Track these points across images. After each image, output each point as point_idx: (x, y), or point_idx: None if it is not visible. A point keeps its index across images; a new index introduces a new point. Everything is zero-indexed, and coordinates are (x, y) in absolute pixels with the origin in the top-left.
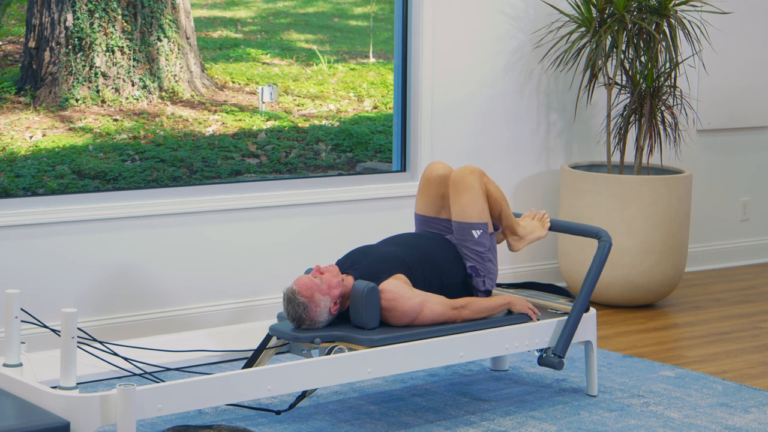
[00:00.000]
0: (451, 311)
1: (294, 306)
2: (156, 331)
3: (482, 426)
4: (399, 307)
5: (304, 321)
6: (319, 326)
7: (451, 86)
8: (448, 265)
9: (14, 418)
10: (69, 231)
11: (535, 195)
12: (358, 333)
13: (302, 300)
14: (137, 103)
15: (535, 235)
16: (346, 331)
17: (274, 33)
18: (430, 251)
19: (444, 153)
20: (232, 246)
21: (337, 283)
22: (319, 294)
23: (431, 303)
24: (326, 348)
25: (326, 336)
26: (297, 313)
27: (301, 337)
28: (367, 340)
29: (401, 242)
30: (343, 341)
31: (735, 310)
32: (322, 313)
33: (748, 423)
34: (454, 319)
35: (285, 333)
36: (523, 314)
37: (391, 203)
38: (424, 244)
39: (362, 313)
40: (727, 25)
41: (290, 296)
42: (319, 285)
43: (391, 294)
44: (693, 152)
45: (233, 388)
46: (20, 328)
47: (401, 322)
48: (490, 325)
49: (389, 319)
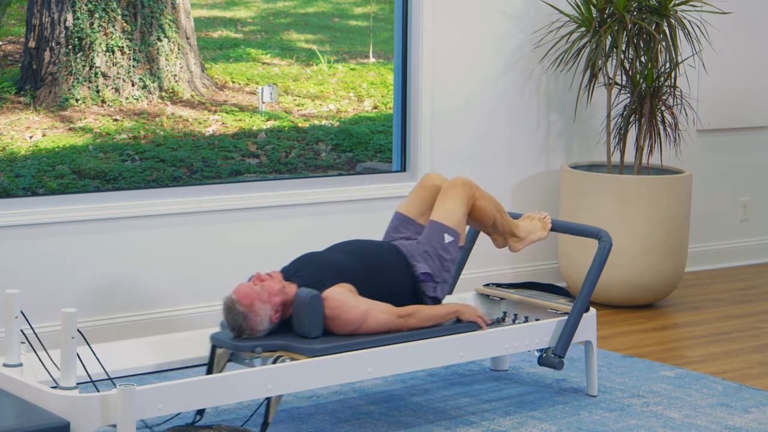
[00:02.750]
0: (397, 319)
1: (233, 315)
2: (156, 331)
3: (482, 426)
4: (343, 316)
5: (244, 330)
6: (260, 335)
7: (451, 86)
8: (395, 273)
9: (14, 418)
10: (69, 231)
11: (535, 195)
12: (301, 342)
13: (241, 309)
14: (137, 103)
15: (535, 236)
16: (288, 340)
17: (274, 33)
18: (376, 258)
19: (444, 153)
20: (232, 246)
21: (278, 290)
22: (259, 302)
23: (376, 311)
24: (268, 357)
25: (267, 345)
26: (237, 322)
27: (241, 346)
28: (309, 350)
29: (348, 249)
30: (285, 350)
31: (735, 310)
32: (263, 321)
33: (748, 423)
34: (401, 328)
35: (225, 342)
36: (473, 322)
37: (391, 203)
38: (371, 251)
39: (304, 321)
40: (727, 25)
41: (229, 305)
42: (259, 293)
43: (335, 302)
44: (693, 152)
45: (233, 388)
46: (20, 328)
47: (345, 331)
48: (440, 333)
49: (333, 327)
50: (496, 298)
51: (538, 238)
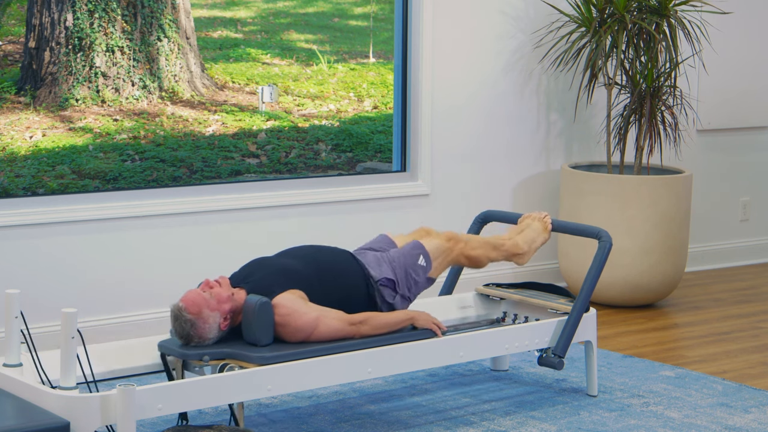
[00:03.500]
0: (349, 327)
1: (181, 323)
2: (156, 331)
3: (482, 426)
4: (293, 323)
5: (192, 338)
6: (208, 343)
7: (451, 86)
8: (347, 278)
9: (14, 418)
10: (69, 231)
11: (535, 195)
12: (250, 350)
13: (189, 317)
14: (137, 103)
15: (537, 242)
16: (237, 348)
17: (274, 33)
18: (328, 263)
19: (444, 153)
20: (232, 246)
21: (227, 297)
22: (208, 310)
23: (327, 318)
24: (217, 365)
25: (215, 353)
26: (184, 330)
27: (189, 354)
28: (258, 358)
29: (299, 254)
30: (233, 359)
31: (735, 310)
32: (211, 329)
33: (748, 423)
34: (353, 335)
35: (173, 350)
36: (428, 330)
37: (391, 203)
38: (324, 256)
39: (254, 328)
40: (727, 25)
41: (177, 313)
42: (207, 300)
43: (285, 309)
44: (693, 152)
45: (233, 388)
46: (20, 328)
47: (296, 338)
48: (395, 340)
49: (283, 335)
50: (496, 298)
51: (542, 242)
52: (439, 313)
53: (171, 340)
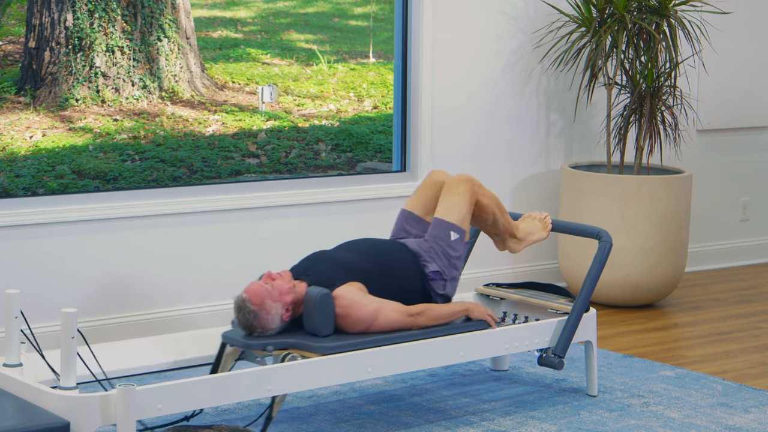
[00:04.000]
0: (407, 318)
1: (244, 314)
2: (156, 331)
3: (482, 426)
4: (353, 315)
5: (256, 329)
6: (271, 333)
7: (451, 86)
8: (403, 271)
9: (14, 418)
10: (69, 231)
11: (535, 195)
12: (312, 340)
13: (252, 308)
14: (137, 103)
15: (535, 236)
16: (299, 338)
17: (274, 33)
18: (386, 257)
19: (444, 153)
20: (232, 246)
21: (288, 289)
22: (270, 301)
23: (386, 310)
24: (279, 355)
25: (278, 343)
26: (248, 321)
27: (252, 344)
28: (320, 348)
29: (357, 248)
30: (295, 348)
31: (735, 310)
32: (274, 320)
33: (748, 423)
34: (411, 326)
35: (237, 340)
36: (482, 321)
37: (391, 203)
38: (380, 250)
39: (315, 320)
40: (727, 25)
41: (240, 304)
42: (269, 292)
43: (346, 301)
44: (693, 152)
45: (233, 388)
46: (20, 328)
47: (356, 329)
48: (450, 331)
49: (343, 326)
50: (496, 298)
51: (538, 239)
52: None
53: (234, 331)
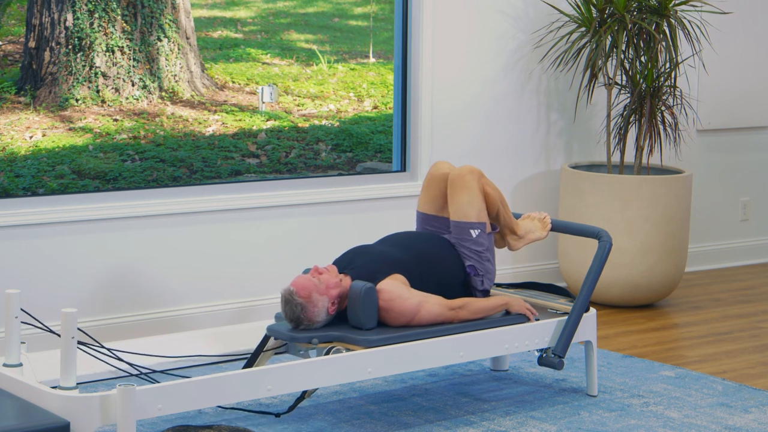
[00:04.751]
0: (449, 312)
1: (292, 306)
2: (156, 331)
3: (482, 426)
4: (396, 308)
5: (302, 321)
6: (316, 326)
7: (450, 86)
8: (445, 265)
9: (14, 418)
10: (69, 231)
11: (535, 195)
12: (356, 333)
13: (300, 300)
14: (137, 103)
15: (535, 235)
16: (344, 331)
17: (274, 33)
18: (427, 250)
19: (444, 153)
20: (232, 246)
21: (335, 283)
22: (317, 294)
23: (429, 303)
24: (324, 348)
25: (323, 336)
26: (295, 313)
27: (298, 337)
28: (364, 341)
29: (398, 242)
30: (340, 341)
31: (735, 310)
32: (320, 313)
33: (748, 423)
34: (452, 320)
35: (282, 333)
36: (521, 314)
37: (391, 203)
38: (422, 243)
39: (360, 313)
40: (727, 25)
41: (288, 297)
42: (317, 285)
43: (389, 294)
44: (693, 152)
45: (233, 388)
46: (20, 328)
47: (399, 323)
48: (489, 325)
49: (387, 319)
50: None
51: (538, 238)
52: None
53: (279, 324)
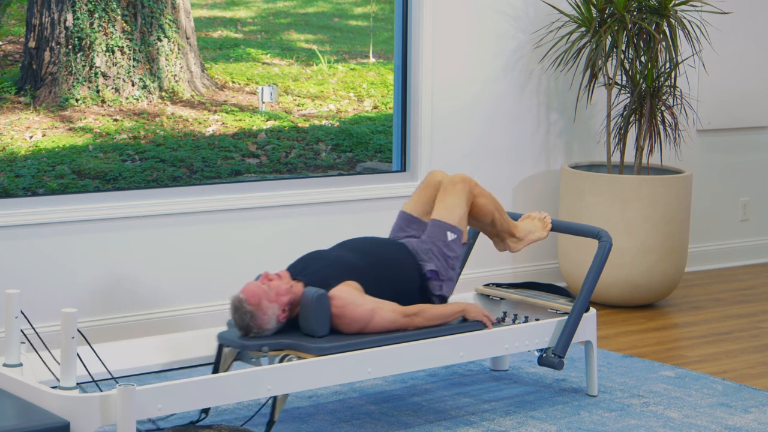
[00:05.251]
0: (403, 318)
1: (241, 314)
2: (156, 331)
3: (482, 426)
4: (349, 315)
5: (252, 329)
6: (267, 334)
7: (450, 86)
8: (402, 270)
9: (14, 418)
10: (69, 231)
11: (535, 195)
12: (308, 341)
13: (249, 308)
14: (137, 103)
15: (535, 235)
16: (295, 339)
17: (274, 33)
18: (383, 256)
19: (444, 153)
20: (232, 246)
21: (285, 289)
22: (267, 301)
23: (382, 310)
24: (275, 356)
25: (274, 344)
26: (244, 321)
27: (248, 345)
28: (316, 349)
29: (354, 247)
30: (291, 349)
31: (735, 310)
32: (270, 320)
33: (748, 423)
34: (407, 327)
35: (232, 341)
36: (479, 321)
37: (391, 203)
38: (378, 248)
39: (311, 320)
40: (727, 25)
41: (237, 304)
42: (266, 292)
43: (342, 301)
44: (693, 152)
45: (233, 388)
46: (20, 328)
47: (352, 330)
48: (446, 332)
49: (339, 326)
50: (496, 298)
51: (538, 238)
52: None
53: (230, 331)
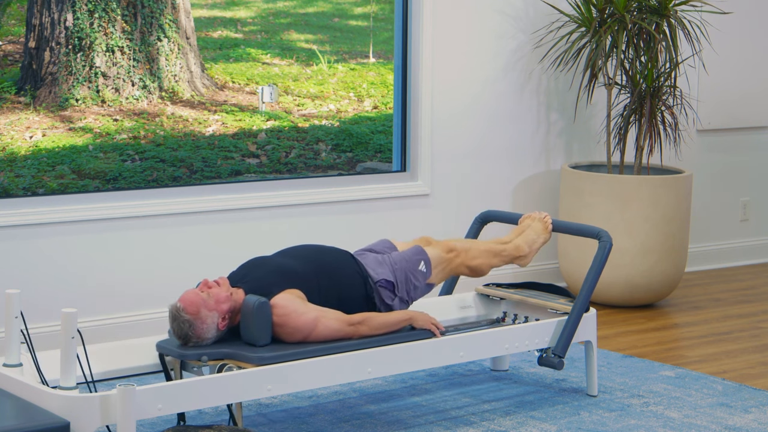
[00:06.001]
0: (348, 327)
1: (179, 323)
2: (156, 331)
3: (482, 426)
4: (291, 323)
5: (191, 338)
6: (206, 343)
7: (450, 86)
8: (346, 278)
9: (14, 418)
10: (69, 231)
11: (535, 195)
12: (248, 350)
13: (187, 317)
14: (137, 103)
15: (539, 242)
16: (236, 348)
17: (274, 33)
18: (327, 263)
19: (444, 153)
20: (232, 246)
21: (225, 297)
22: (206, 310)
23: (326, 319)
24: (215, 366)
25: (214, 353)
26: (183, 330)
27: (187, 354)
28: (256, 358)
29: (297, 254)
30: (231, 359)
31: (735, 310)
32: (209, 329)
33: (748, 423)
34: (351, 336)
35: (171, 350)
36: (426, 330)
37: (391, 203)
38: (322, 256)
39: (252, 329)
40: (727, 25)
41: (175, 313)
42: (205, 300)
43: (283, 309)
44: (693, 152)
45: (233, 388)
46: (20, 328)
47: (294, 339)
48: (390, 341)
49: (281, 335)
50: (496, 298)
51: (543, 243)
52: (439, 313)
53: (169, 340)
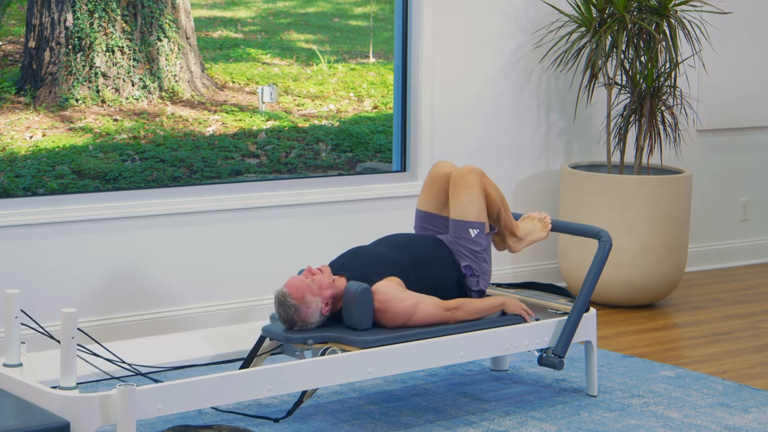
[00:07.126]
0: (444, 312)
1: (285, 308)
2: (156, 331)
3: (482, 426)
4: (392, 309)
5: (296, 322)
6: (311, 327)
7: (450, 86)
8: (441, 266)
9: (14, 418)
10: (69, 231)
11: (535, 195)
12: (351, 334)
13: (293, 302)
14: (137, 103)
15: (535, 236)
16: (339, 332)
17: (274, 33)
18: (422, 252)
19: (444, 153)
20: (232, 246)
21: (328, 284)
22: (310, 295)
23: (424, 305)
24: (319, 349)
25: (318, 337)
26: (288, 314)
27: (293, 338)
28: (359, 341)
29: (394, 243)
30: (335, 342)
31: (735, 310)
32: (314, 314)
33: (748, 423)
34: (447, 321)
35: (277, 334)
36: (517, 315)
37: (391, 203)
38: (418, 244)
39: (355, 314)
40: (727, 25)
41: (281, 298)
42: (309, 286)
43: (384, 295)
44: (693, 152)
45: (233, 388)
46: (20, 328)
47: (394, 324)
48: (486, 325)
49: (382, 320)
50: None
51: (538, 239)
52: None
53: (274, 325)
